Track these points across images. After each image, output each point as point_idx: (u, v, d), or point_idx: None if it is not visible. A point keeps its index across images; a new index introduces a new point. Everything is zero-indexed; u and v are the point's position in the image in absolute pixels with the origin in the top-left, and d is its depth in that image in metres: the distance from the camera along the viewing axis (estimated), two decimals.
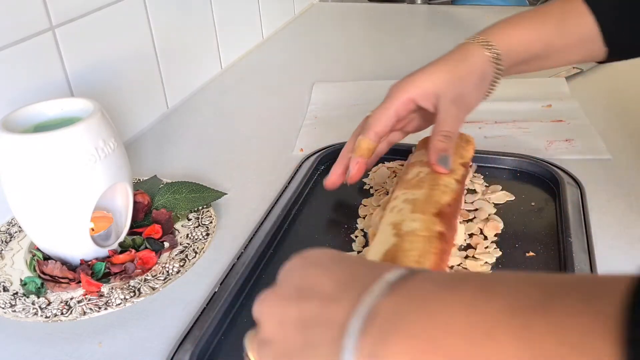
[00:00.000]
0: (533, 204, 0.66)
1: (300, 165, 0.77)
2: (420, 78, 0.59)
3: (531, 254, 0.58)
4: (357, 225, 0.64)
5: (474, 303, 0.23)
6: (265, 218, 0.66)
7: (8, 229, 0.65)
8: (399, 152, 0.73)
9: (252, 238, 0.63)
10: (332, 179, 0.63)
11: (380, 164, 0.74)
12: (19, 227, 0.64)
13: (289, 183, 0.73)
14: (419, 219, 0.51)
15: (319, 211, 0.68)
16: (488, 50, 0.59)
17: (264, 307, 0.33)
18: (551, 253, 0.58)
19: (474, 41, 0.60)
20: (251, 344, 0.35)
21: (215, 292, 0.56)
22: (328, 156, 0.77)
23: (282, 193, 0.71)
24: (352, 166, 0.60)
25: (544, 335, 0.21)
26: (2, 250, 0.61)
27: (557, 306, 0.21)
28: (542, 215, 0.64)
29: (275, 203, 0.69)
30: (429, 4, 1.58)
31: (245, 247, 0.61)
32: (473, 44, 0.60)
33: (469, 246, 0.59)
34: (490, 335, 0.22)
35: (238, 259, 0.60)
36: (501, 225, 0.61)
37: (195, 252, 0.59)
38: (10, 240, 0.63)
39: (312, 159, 0.77)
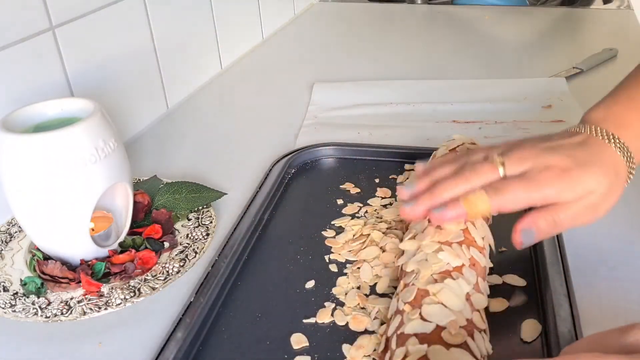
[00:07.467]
0: None
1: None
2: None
3: (503, 249, 0.58)
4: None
5: None
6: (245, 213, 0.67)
7: (8, 229, 0.65)
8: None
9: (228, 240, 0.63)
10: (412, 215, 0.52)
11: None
12: (19, 227, 0.64)
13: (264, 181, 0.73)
14: None
15: (293, 213, 0.68)
16: (619, 149, 0.49)
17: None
18: (524, 249, 0.56)
19: (597, 135, 0.50)
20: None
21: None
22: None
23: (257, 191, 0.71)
24: (449, 215, 0.49)
25: None
26: (2, 250, 0.61)
27: None
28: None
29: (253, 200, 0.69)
30: (429, 4, 1.58)
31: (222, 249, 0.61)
32: (601, 142, 0.49)
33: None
34: None
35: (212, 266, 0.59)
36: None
37: (195, 252, 0.59)
38: (10, 240, 0.63)
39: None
